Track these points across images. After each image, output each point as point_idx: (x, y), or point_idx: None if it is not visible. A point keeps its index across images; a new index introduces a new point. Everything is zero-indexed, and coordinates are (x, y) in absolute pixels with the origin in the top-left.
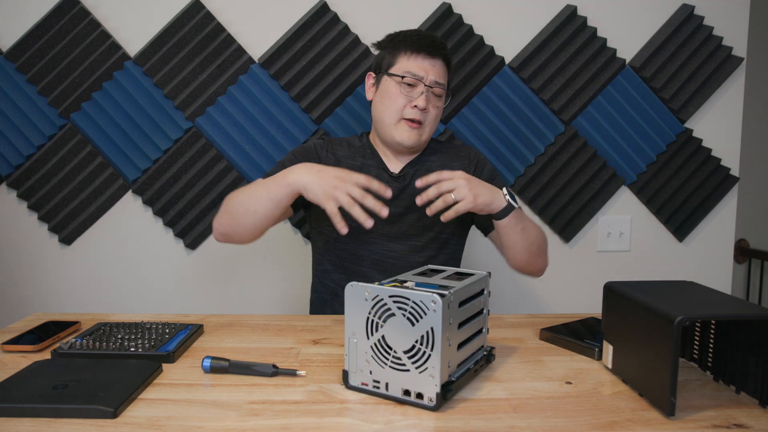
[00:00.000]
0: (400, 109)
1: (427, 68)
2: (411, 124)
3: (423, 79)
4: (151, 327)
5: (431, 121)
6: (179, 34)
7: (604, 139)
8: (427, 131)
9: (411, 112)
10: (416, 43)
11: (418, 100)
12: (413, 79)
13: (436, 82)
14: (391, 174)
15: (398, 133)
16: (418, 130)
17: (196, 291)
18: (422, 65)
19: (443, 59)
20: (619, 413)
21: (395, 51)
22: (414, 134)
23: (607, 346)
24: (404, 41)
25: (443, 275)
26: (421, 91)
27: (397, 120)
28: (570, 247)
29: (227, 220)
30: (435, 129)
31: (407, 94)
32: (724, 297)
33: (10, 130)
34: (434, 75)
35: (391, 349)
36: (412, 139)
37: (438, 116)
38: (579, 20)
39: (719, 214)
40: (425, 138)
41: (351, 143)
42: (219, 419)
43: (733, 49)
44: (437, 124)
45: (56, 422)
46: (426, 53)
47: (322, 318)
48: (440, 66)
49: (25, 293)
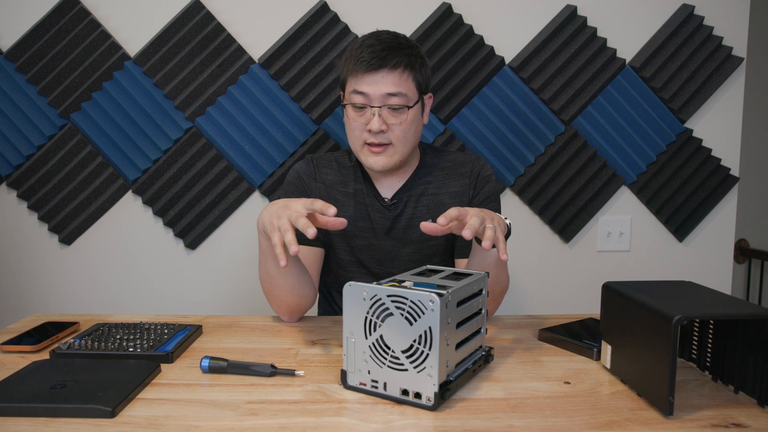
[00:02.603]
0: (359, 135)
1: (374, 84)
2: (373, 149)
3: (370, 98)
4: (150, 327)
5: (399, 138)
6: (179, 34)
7: (604, 139)
8: (399, 150)
9: (368, 136)
10: (355, 60)
11: (370, 123)
12: (360, 100)
13: (388, 94)
14: (383, 203)
15: (365, 159)
16: (385, 152)
17: (195, 291)
18: (365, 82)
19: (393, 66)
20: (617, 413)
21: (343, 73)
22: (381, 159)
23: (605, 346)
24: (348, 58)
25: (441, 275)
26: (372, 113)
27: (360, 146)
28: (570, 247)
29: (274, 303)
30: (413, 141)
31: (360, 119)
32: (722, 297)
33: (10, 130)
34: (384, 88)
35: (389, 348)
36: (379, 164)
37: (407, 129)
38: (579, 20)
39: (719, 214)
40: (398, 158)
41: (340, 162)
42: (217, 419)
43: (733, 49)
44: (415, 134)
45: (54, 422)
46: (366, 68)
47: (321, 318)
48: (390, 75)
49: (25, 293)
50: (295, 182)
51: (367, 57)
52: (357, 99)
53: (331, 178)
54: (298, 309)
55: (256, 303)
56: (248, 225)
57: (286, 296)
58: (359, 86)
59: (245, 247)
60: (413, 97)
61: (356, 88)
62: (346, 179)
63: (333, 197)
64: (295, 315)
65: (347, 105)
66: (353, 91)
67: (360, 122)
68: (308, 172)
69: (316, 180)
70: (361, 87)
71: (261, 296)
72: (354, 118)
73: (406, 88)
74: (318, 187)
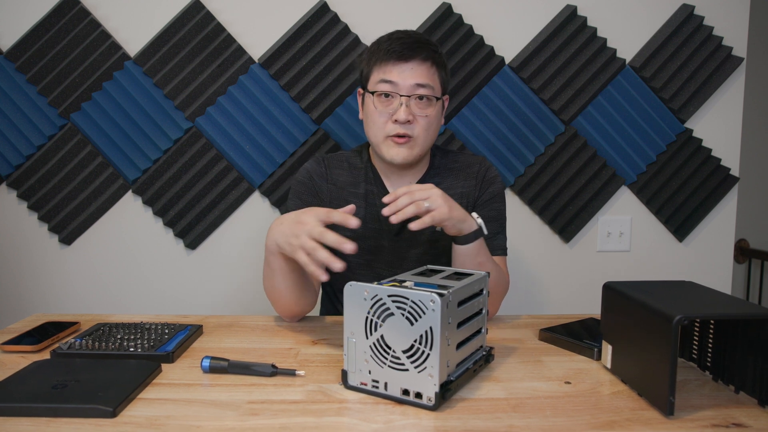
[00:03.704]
0: (382, 126)
1: (403, 73)
2: (397, 140)
3: (398, 87)
4: (151, 327)
5: (422, 132)
6: (179, 34)
7: (604, 139)
8: (419, 144)
9: (393, 128)
10: (386, 49)
11: (397, 113)
12: (388, 89)
13: (417, 84)
14: None
15: (386, 151)
16: (407, 144)
17: (195, 291)
18: (396, 72)
19: (423, 58)
20: (618, 413)
21: (369, 63)
22: (402, 150)
23: (606, 346)
24: (376, 50)
25: (442, 275)
26: (399, 102)
27: (383, 138)
28: (570, 247)
29: (278, 308)
30: (433, 138)
31: (386, 109)
32: (723, 296)
33: (10, 130)
34: (413, 78)
35: (390, 348)
36: (401, 156)
37: (431, 124)
38: (579, 20)
39: (719, 214)
40: (418, 152)
41: (351, 163)
42: (218, 419)
43: (733, 49)
44: (435, 132)
45: (55, 421)
46: (397, 58)
47: (322, 318)
48: (420, 67)
49: (25, 293)
50: (305, 182)
51: (398, 48)
52: (385, 87)
53: (342, 179)
54: (301, 312)
55: (257, 303)
56: (248, 225)
57: (291, 304)
58: (388, 75)
59: (245, 247)
60: (438, 92)
61: (384, 77)
62: (356, 180)
63: (344, 198)
64: (297, 317)
65: (373, 94)
66: (381, 80)
67: (386, 112)
68: (319, 172)
69: (327, 181)
70: (390, 76)
71: (261, 296)
72: (380, 107)
73: (433, 81)
74: (329, 188)
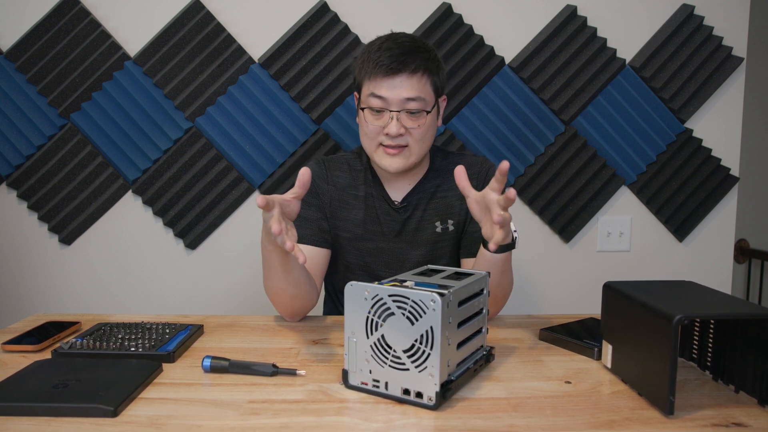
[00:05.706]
0: (374, 137)
1: (393, 89)
2: (389, 150)
3: (388, 102)
4: (151, 327)
5: (416, 142)
6: (179, 34)
7: (604, 139)
8: (414, 153)
9: (386, 140)
10: (375, 62)
11: (388, 127)
12: (378, 105)
13: (407, 99)
14: (393, 205)
15: (380, 160)
16: (402, 154)
17: (196, 291)
18: (385, 87)
19: (413, 71)
20: (618, 412)
21: (360, 73)
22: (396, 160)
23: (606, 345)
24: (366, 61)
25: (443, 275)
26: (390, 117)
27: (375, 147)
28: (570, 247)
29: (278, 307)
30: (428, 144)
31: (378, 122)
32: (723, 296)
33: (10, 130)
34: (403, 92)
35: (390, 348)
36: (395, 165)
37: (425, 133)
38: (579, 20)
39: (719, 214)
40: (414, 160)
41: (351, 165)
42: (219, 418)
43: (733, 49)
44: (430, 138)
45: (56, 421)
46: (385, 72)
47: (322, 318)
48: (410, 80)
49: (25, 293)
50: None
51: (386, 61)
52: (375, 103)
53: (342, 181)
54: (303, 311)
55: (257, 302)
56: (248, 225)
57: (291, 302)
58: (378, 90)
59: (245, 247)
60: (431, 101)
61: (374, 92)
62: (356, 182)
63: (344, 200)
64: (297, 316)
65: (365, 108)
66: (371, 94)
67: (377, 125)
68: (320, 174)
69: (327, 183)
70: (379, 91)
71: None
72: (371, 121)
73: (425, 92)
74: (329, 189)
